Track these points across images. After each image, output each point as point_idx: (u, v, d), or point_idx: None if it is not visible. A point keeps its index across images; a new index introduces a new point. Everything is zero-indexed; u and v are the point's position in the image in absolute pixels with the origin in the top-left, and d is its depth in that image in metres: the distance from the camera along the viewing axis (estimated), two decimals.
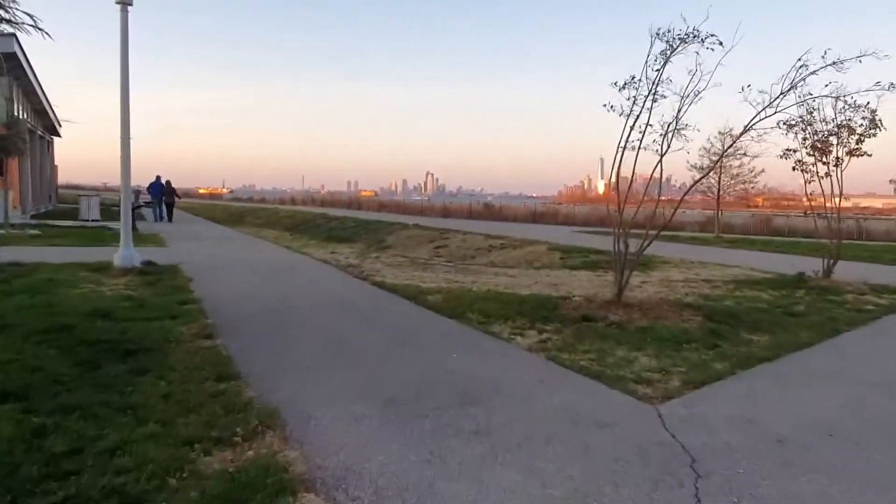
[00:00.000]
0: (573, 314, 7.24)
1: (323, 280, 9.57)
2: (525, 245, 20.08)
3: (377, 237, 27.96)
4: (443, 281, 10.13)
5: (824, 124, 10.65)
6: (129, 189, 9.60)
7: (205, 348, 5.24)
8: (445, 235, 24.98)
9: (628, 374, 5.07)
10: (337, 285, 9.09)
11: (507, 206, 40.94)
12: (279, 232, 22.29)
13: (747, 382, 4.98)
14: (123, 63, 9.48)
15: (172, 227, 21.21)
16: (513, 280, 10.73)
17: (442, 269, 12.07)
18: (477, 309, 7.39)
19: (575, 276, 11.77)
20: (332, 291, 8.48)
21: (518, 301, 7.98)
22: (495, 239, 22.46)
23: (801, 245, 22.55)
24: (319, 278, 9.75)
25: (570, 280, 11.13)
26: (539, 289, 9.77)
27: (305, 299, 7.79)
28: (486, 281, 10.41)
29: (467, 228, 27.06)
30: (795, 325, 7.33)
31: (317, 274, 10.26)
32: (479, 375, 4.81)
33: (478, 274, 11.55)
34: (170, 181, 29.64)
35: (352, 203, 57.48)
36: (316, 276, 9.91)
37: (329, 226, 35.41)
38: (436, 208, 44.18)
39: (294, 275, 10.00)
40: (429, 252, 22.83)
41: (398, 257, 13.61)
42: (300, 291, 8.43)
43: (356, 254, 13.64)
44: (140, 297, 7.41)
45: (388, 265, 12.00)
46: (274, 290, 8.42)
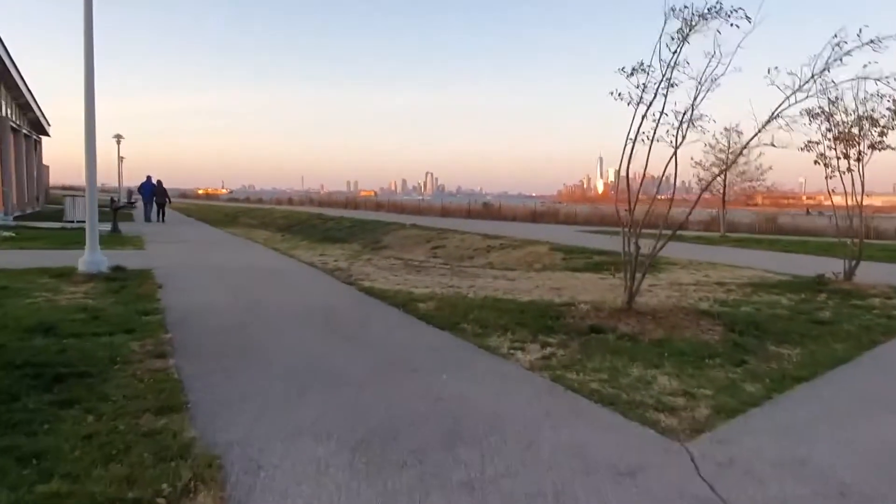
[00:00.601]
0: (580, 324, 6.50)
1: (306, 286, 8.82)
2: (525, 245, 19.35)
3: (373, 237, 27.22)
4: (437, 286, 9.39)
5: (846, 115, 9.92)
6: (94, 189, 8.84)
7: (154, 371, 4.50)
8: (443, 235, 24.25)
9: (647, 398, 4.34)
10: (320, 292, 8.35)
11: (507, 206, 40.19)
12: (271, 233, 21.54)
13: (788, 410, 4.24)
14: (88, 56, 8.69)
15: (160, 228, 20.48)
16: (512, 284, 9.99)
17: (437, 272, 11.33)
18: (473, 319, 6.65)
19: (578, 280, 11.03)
20: (314, 300, 7.73)
21: (518, 309, 7.25)
22: (494, 239, 21.72)
23: (808, 244, 21.82)
24: (302, 284, 9.01)
25: (573, 284, 10.39)
26: (541, 294, 9.04)
27: (282, 309, 7.04)
28: (484, 285, 9.67)
29: (466, 228, 26.33)
30: (826, 335, 6.59)
31: (300, 279, 9.52)
32: (472, 404, 4.07)
33: (475, 277, 10.81)
34: (161, 181, 28.97)
35: (349, 203, 56.73)
36: (299, 282, 9.17)
37: (325, 226, 34.68)
38: (434, 208, 43.44)
39: (276, 281, 9.26)
40: (425, 253, 22.10)
41: (391, 259, 12.87)
42: (278, 300, 7.68)
43: (347, 256, 12.91)
44: (97, 307, 6.66)
45: (380, 268, 11.27)
46: (249, 299, 7.68)
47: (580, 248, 17.67)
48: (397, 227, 28.16)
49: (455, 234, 24.15)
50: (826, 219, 36.43)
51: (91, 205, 8.88)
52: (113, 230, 16.63)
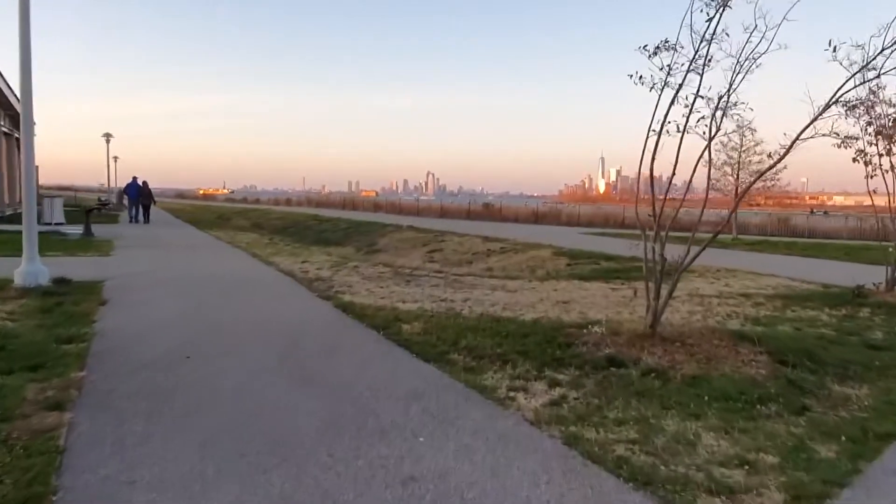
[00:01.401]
0: (594, 354, 5.37)
1: (276, 302, 7.68)
2: (527, 249, 18.21)
3: (368, 240, 26.09)
4: (427, 299, 8.26)
5: (886, 106, 8.78)
6: (31, 183, 7.62)
7: (37, 432, 3.38)
8: (441, 238, 23.11)
9: (693, 471, 3.21)
10: (290, 310, 7.20)
11: (508, 206, 39.03)
12: (258, 236, 20.43)
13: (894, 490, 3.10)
14: (24, 48, 7.51)
15: (141, 231, 19.38)
16: (513, 297, 8.85)
17: (429, 282, 10.20)
18: (465, 346, 5.52)
19: (587, 291, 9.89)
20: (280, 321, 6.58)
21: (519, 331, 6.11)
22: (494, 242, 20.58)
23: (827, 247, 20.65)
24: (272, 300, 7.88)
25: (581, 295, 9.26)
26: (545, 310, 7.91)
27: (238, 335, 5.90)
28: (481, 298, 8.54)
29: (465, 230, 25.19)
30: (893, 365, 5.46)
31: (272, 293, 8.38)
32: (455, 488, 2.94)
33: (471, 288, 9.68)
34: (146, 182, 28.21)
35: (347, 204, 55.59)
36: (269, 297, 8.03)
37: (320, 228, 33.57)
38: (433, 208, 42.29)
39: (243, 295, 8.13)
40: (422, 257, 20.96)
41: (380, 267, 11.74)
42: (237, 321, 6.54)
43: (332, 263, 11.77)
44: (13, 331, 5.54)
45: (366, 278, 10.13)
46: (204, 320, 6.54)
47: (585, 252, 16.53)
48: (393, 230, 27.02)
49: (453, 237, 23.01)
50: (831, 220, 35.37)
51: (28, 205, 7.69)
52: (85, 233, 15.54)
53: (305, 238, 29.95)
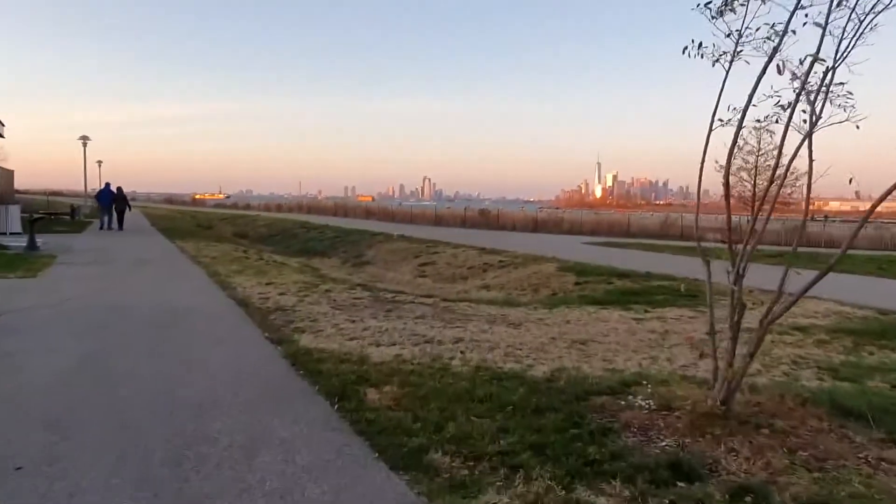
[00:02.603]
0: (647, 452, 3.61)
1: (202, 351, 5.83)
2: (528, 263, 16.46)
3: (356, 251, 24.30)
4: (409, 340, 6.49)
5: None
6: None
7: None
8: (434, 249, 21.35)
9: None
10: (217, 366, 5.36)
11: (505, 213, 37.26)
12: (232, 247, 18.60)
13: None
14: None
15: (100, 242, 17.56)
16: (517, 334, 7.08)
17: (415, 311, 8.43)
18: (453, 435, 3.75)
19: (606, 323, 8.14)
20: (193, 388, 4.74)
21: (531, 404, 4.33)
22: (492, 254, 18.83)
23: (853, 259, 18.93)
24: (200, 347, 6.02)
25: (600, 331, 7.50)
26: (559, 354, 6.15)
27: (107, 424, 4.09)
28: (477, 337, 6.77)
29: (460, 239, 23.44)
30: None
31: (205, 335, 6.54)
32: None
33: (465, 320, 7.91)
34: (121, 188, 26.72)
35: (338, 210, 53.78)
36: (197, 343, 6.18)
37: (307, 236, 31.79)
38: (427, 215, 40.49)
39: (162, 339, 6.28)
40: (412, 270, 19.20)
41: (358, 291, 9.95)
42: (126, 395, 4.73)
43: (300, 286, 9.95)
44: None
45: (338, 306, 8.35)
46: (78, 389, 4.73)
47: (593, 266, 14.80)
48: (384, 239, 25.27)
49: (447, 248, 21.25)
50: (845, 227, 33.67)
51: None
52: (29, 247, 13.71)
53: (290, 247, 28.15)
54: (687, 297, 10.50)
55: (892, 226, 27.89)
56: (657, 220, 30.34)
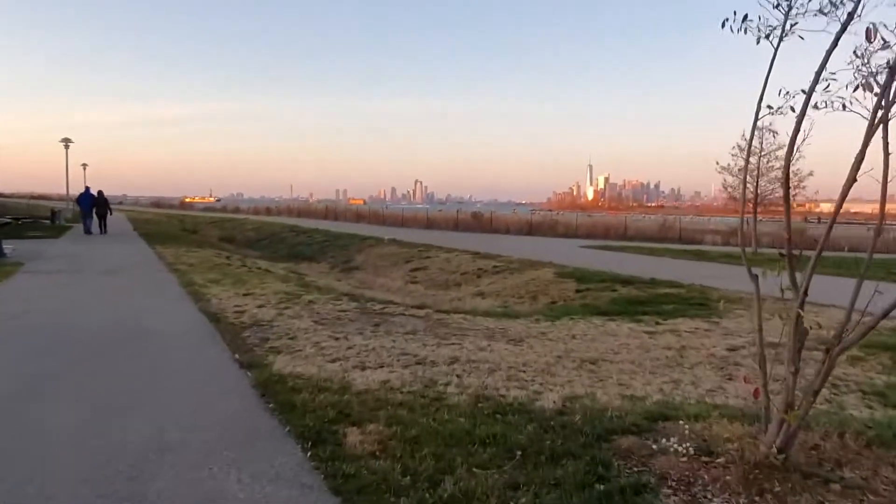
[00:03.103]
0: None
1: (154, 385, 5.02)
2: (525, 268, 15.74)
3: (345, 256, 23.52)
4: (399, 361, 5.76)
5: None
6: None
7: None
8: (426, 254, 20.61)
9: None
10: (168, 406, 4.60)
11: (499, 217, 36.54)
12: (215, 252, 17.77)
13: None
14: None
15: (76, 248, 16.72)
16: (519, 353, 6.36)
17: (405, 324, 7.69)
18: (449, 493, 3.01)
19: (615, 337, 7.43)
20: (130, 439, 4.02)
21: (542, 447, 3.60)
22: (486, 259, 18.11)
23: (861, 263, 18.33)
24: (149, 380, 5.19)
25: (611, 347, 6.80)
26: (568, 377, 5.43)
27: None
28: (474, 357, 6.05)
29: (453, 243, 22.71)
30: None
31: (158, 365, 5.69)
32: None
33: (461, 335, 7.18)
34: (102, 192, 26.04)
35: (328, 213, 52.92)
36: (148, 375, 5.37)
37: (295, 240, 30.94)
38: (419, 218, 39.73)
39: (108, 371, 5.50)
40: (403, 276, 18.45)
41: (344, 301, 9.19)
42: (43, 443, 3.98)
43: (281, 297, 9.18)
44: None
45: (320, 321, 7.59)
46: None
47: (594, 272, 14.12)
48: (374, 243, 24.50)
49: (440, 252, 20.51)
50: (844, 228, 33.21)
51: None
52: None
53: (278, 252, 27.32)
54: (697, 305, 9.83)
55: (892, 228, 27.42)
56: (655, 223, 29.76)
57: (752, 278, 3.83)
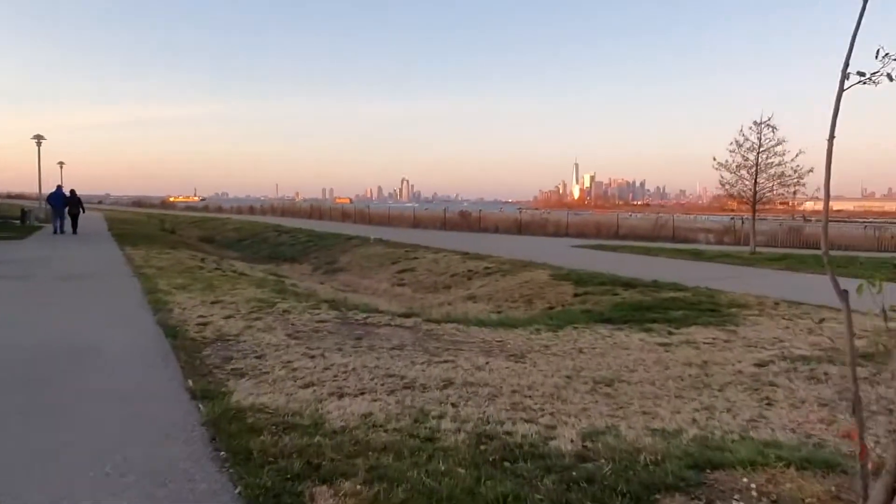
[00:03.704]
0: None
1: (75, 425, 4.08)
2: (517, 270, 14.94)
3: (329, 256, 22.58)
4: (383, 383, 4.91)
5: None
6: None
7: None
8: (413, 254, 19.74)
9: None
10: (88, 457, 3.72)
11: (487, 215, 35.74)
12: (190, 254, 16.78)
13: None
14: None
15: (40, 250, 15.69)
16: (521, 372, 5.53)
17: (391, 337, 6.83)
18: None
19: (627, 350, 6.63)
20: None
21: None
22: (476, 259, 17.28)
23: (861, 262, 17.75)
24: (72, 419, 4.25)
25: (625, 364, 5.99)
26: (583, 404, 4.63)
27: None
28: (471, 379, 5.21)
29: (441, 243, 21.87)
30: None
31: (88, 397, 4.76)
32: None
33: (454, 350, 6.34)
34: (74, 191, 25.02)
35: (313, 212, 51.84)
36: (72, 411, 4.43)
37: (277, 240, 29.89)
38: (405, 217, 38.83)
39: (22, 407, 4.63)
40: (390, 278, 17.57)
41: (324, 310, 8.30)
42: None
43: (253, 306, 8.29)
44: None
45: (294, 334, 6.72)
46: None
47: (591, 273, 13.35)
48: (359, 243, 23.58)
49: (427, 252, 19.66)
50: (839, 227, 32.84)
51: None
52: None
53: (259, 253, 26.31)
54: (708, 311, 9.07)
55: (890, 226, 26.99)
56: (647, 221, 29.11)
57: (841, 296, 3.00)
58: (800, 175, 18.37)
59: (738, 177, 19.12)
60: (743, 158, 19.04)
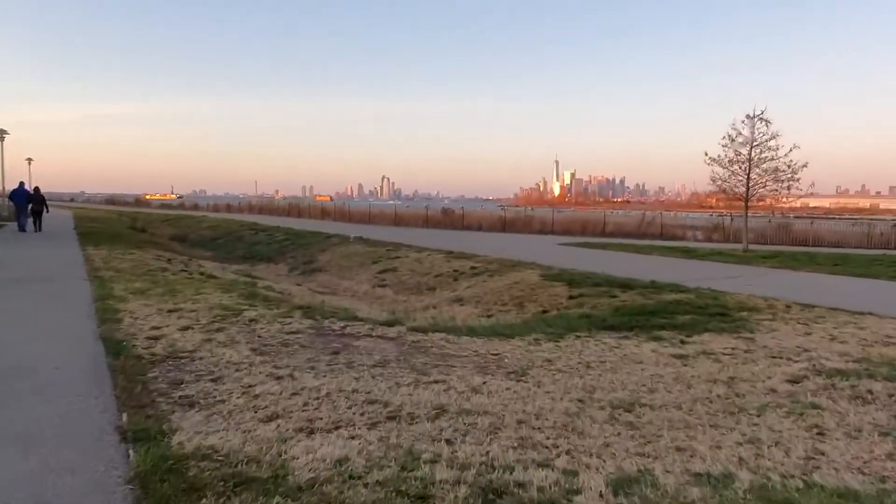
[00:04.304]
0: None
1: None
2: (505, 269, 14.16)
3: (307, 255, 21.59)
4: (363, 414, 4.09)
5: None
6: None
7: None
8: (395, 253, 18.87)
9: None
10: None
11: (471, 212, 34.93)
12: (156, 254, 15.74)
13: None
14: None
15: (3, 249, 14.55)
16: (525, 396, 4.73)
17: (372, 352, 6.00)
18: None
19: (642, 368, 5.86)
20: None
21: None
22: (461, 259, 16.47)
23: (853, 259, 17.26)
24: None
25: (642, 384, 5.22)
26: (604, 440, 3.85)
27: None
28: (468, 408, 4.40)
29: (424, 241, 21.03)
30: None
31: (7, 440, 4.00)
32: None
33: (445, 367, 5.53)
34: (38, 188, 24.05)
35: (291, 210, 50.64)
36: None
37: (254, 239, 28.80)
38: (386, 215, 37.88)
39: None
40: (370, 279, 16.69)
41: (296, 319, 7.42)
42: None
43: (215, 315, 7.38)
44: None
45: (260, 349, 5.85)
46: None
47: (584, 274, 12.63)
48: (339, 242, 22.64)
49: (410, 251, 18.80)
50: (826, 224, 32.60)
51: None
52: None
53: (233, 252, 25.22)
54: (717, 316, 8.37)
55: (880, 223, 26.69)
56: (634, 219, 28.52)
57: None
58: (794, 170, 17.83)
59: (731, 172, 18.54)
60: (735, 153, 18.47)
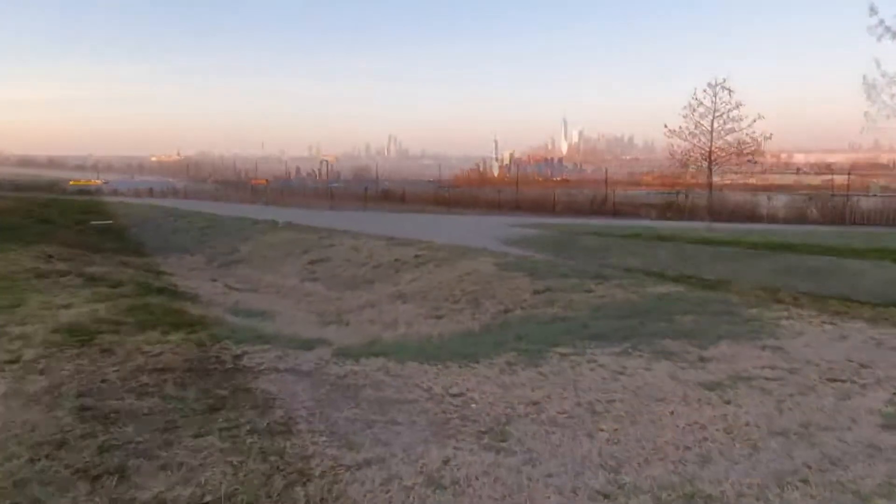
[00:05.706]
0: None
1: None
2: (455, 258, 12.30)
3: (228, 244, 19.11)
4: None
5: None
6: None
7: None
8: (328, 240, 16.71)
9: None
10: None
11: (412, 191, 32.89)
12: (35, 252, 13.07)
13: None
14: None
15: None
16: (517, 493, 2.88)
17: (273, 401, 4.01)
18: None
19: (664, 405, 4.12)
20: None
21: None
22: (404, 245, 14.49)
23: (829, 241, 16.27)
24: None
25: (680, 442, 3.46)
26: None
27: None
28: (430, 496, 2.51)
29: (361, 226, 18.94)
30: None
31: None
32: None
33: (386, 424, 3.62)
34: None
35: (220, 195, 47.17)
36: None
37: (174, 226, 25.92)
38: (320, 193, 35.34)
39: None
40: (299, 271, 14.51)
41: (172, 345, 5.33)
42: None
43: (52, 344, 5.24)
44: None
45: (87, 413, 3.77)
46: None
47: (547, 262, 10.95)
48: (266, 228, 20.27)
49: (346, 238, 16.69)
50: (770, 200, 32.30)
51: None
52: None
53: (145, 243, 22.39)
54: (723, 315, 6.77)
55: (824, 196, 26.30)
56: (585, 196, 27.23)
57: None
58: (758, 142, 16.69)
59: (693, 145, 17.27)
60: (696, 125, 17.19)
